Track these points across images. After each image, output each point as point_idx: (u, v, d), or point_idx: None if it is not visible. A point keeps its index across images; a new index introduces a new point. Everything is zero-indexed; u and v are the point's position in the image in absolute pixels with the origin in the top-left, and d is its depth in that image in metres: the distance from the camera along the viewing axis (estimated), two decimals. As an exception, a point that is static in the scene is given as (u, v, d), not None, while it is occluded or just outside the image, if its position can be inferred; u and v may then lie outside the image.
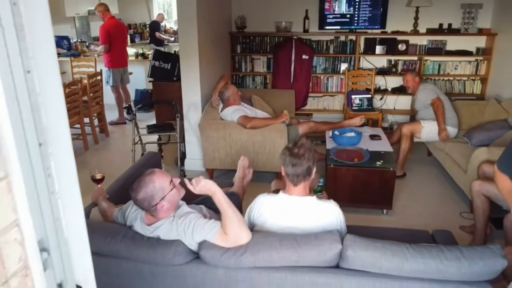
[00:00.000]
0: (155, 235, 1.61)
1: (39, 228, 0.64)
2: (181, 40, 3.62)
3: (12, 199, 0.60)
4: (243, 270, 1.56)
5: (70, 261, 0.73)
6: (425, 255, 1.45)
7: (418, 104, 3.86)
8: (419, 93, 3.82)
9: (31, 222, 0.62)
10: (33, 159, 0.62)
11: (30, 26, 0.61)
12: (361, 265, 1.49)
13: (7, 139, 0.58)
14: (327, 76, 5.07)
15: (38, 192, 0.63)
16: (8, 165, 0.59)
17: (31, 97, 0.61)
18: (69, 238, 0.72)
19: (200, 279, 1.60)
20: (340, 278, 1.53)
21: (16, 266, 0.62)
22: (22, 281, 0.63)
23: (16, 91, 0.58)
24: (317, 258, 1.53)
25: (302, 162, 1.68)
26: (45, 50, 0.64)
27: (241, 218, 1.56)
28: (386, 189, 3.01)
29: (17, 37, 0.58)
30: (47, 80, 0.65)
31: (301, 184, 1.72)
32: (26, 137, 0.60)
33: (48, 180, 0.65)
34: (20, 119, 0.59)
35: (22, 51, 0.59)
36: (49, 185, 0.65)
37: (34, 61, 0.62)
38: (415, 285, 1.47)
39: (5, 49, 0.56)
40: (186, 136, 3.87)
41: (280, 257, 1.54)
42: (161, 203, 1.59)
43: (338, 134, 3.41)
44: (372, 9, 4.73)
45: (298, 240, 1.56)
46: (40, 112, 0.63)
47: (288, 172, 1.71)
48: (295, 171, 1.69)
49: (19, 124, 0.59)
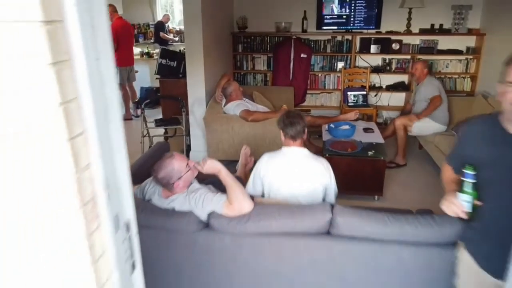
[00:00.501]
0: (170, 207, 1.86)
1: (104, 172, 0.89)
2: (187, 40, 3.87)
3: (87, 148, 0.85)
4: (246, 236, 1.81)
5: (121, 201, 0.98)
6: (402, 222, 1.70)
7: (419, 95, 4.02)
8: (424, 85, 3.96)
9: (100, 166, 0.87)
10: (100, 122, 0.87)
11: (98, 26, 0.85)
12: (348, 230, 1.74)
13: (85, 108, 0.82)
14: (325, 74, 5.31)
15: (103, 145, 0.88)
16: (86, 124, 0.84)
17: (100, 76, 0.86)
18: (121, 184, 0.97)
19: (209, 245, 1.85)
20: (331, 243, 1.78)
21: (89, 197, 0.87)
22: (92, 208, 0.88)
23: (92, 72, 0.83)
24: (310, 226, 1.78)
25: (298, 121, 2.12)
26: (106, 44, 0.89)
27: (244, 190, 1.81)
28: (377, 177, 3.25)
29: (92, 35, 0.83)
30: (107, 64, 0.90)
31: (298, 140, 2.17)
32: (97, 107, 0.85)
33: (110, 137, 0.90)
34: (94, 93, 0.83)
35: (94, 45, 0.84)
36: (111, 140, 0.90)
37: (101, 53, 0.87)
38: (394, 247, 1.72)
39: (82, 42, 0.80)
40: (191, 129, 4.12)
41: (278, 225, 1.79)
42: (177, 182, 1.84)
43: (334, 127, 3.66)
44: (367, 10, 4.97)
45: (294, 210, 1.82)
46: (105, 89, 0.88)
47: (288, 132, 2.13)
48: (293, 129, 2.11)
49: (93, 96, 0.83)
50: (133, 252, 1.08)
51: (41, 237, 0.82)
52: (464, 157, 1.39)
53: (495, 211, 1.35)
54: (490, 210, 1.34)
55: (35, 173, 0.78)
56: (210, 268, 1.88)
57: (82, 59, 0.79)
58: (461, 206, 1.32)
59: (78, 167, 0.82)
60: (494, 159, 1.32)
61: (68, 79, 0.78)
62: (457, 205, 1.32)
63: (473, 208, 1.32)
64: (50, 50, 0.73)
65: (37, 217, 0.81)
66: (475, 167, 1.31)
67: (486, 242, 1.41)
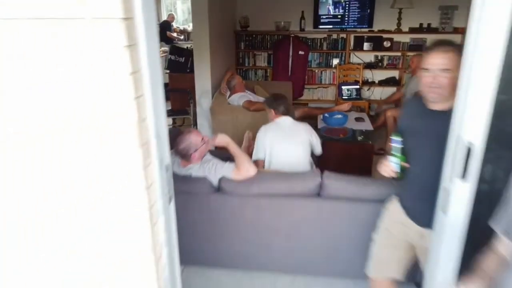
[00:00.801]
0: (188, 174, 2.24)
1: (155, 124, 1.27)
2: (195, 38, 4.25)
3: (145, 106, 1.23)
4: (251, 197, 2.19)
5: (163, 149, 1.36)
6: (379, 183, 2.08)
7: (408, 90, 4.32)
8: (413, 80, 4.20)
9: (152, 120, 1.25)
10: (152, 88, 1.25)
11: (151, 21, 1.23)
12: (335, 190, 2.12)
13: (144, 77, 1.20)
14: (321, 69, 5.69)
15: (154, 105, 1.26)
16: (144, 89, 1.22)
17: (152, 56, 1.24)
18: (164, 137, 1.35)
19: (220, 205, 2.23)
20: (320, 202, 2.16)
21: (145, 140, 1.25)
22: (147, 149, 1.25)
23: (148, 52, 1.20)
24: (303, 188, 2.16)
25: (285, 100, 2.66)
26: (154, 33, 1.27)
27: (249, 158, 2.20)
28: (366, 160, 3.63)
29: (148, 27, 1.21)
30: (155, 47, 1.28)
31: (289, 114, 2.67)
32: (151, 77, 1.23)
33: (157, 99, 1.29)
34: (150, 67, 1.21)
35: (148, 34, 1.22)
36: (158, 102, 1.29)
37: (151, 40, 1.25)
38: (373, 204, 2.10)
39: (144, 32, 1.18)
40: (198, 119, 4.50)
41: (277, 188, 2.17)
42: (194, 153, 2.23)
43: (328, 116, 4.04)
44: (360, 10, 5.35)
45: (289, 176, 2.20)
46: (155, 64, 1.26)
47: (279, 109, 2.63)
48: (283, 106, 2.63)
49: (149, 69, 1.21)
50: (170, 189, 1.46)
51: (114, 167, 1.20)
52: (401, 128, 1.67)
53: (418, 171, 1.57)
54: (414, 170, 1.57)
55: (113, 119, 1.16)
56: (221, 225, 2.26)
57: (144, 44, 1.17)
58: (391, 167, 1.58)
59: (140, 118, 1.21)
60: (418, 129, 1.57)
61: (135, 57, 1.16)
62: (388, 166, 1.58)
63: (401, 169, 1.56)
64: (126, 37, 1.11)
65: (113, 153, 1.19)
66: (402, 135, 1.56)
67: (412, 197, 1.65)
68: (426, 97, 1.52)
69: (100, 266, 1.24)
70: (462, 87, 1.18)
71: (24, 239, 1.03)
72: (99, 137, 1.14)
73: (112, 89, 1.14)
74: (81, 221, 1.14)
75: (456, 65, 1.36)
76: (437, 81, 1.43)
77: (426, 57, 1.48)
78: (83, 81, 1.06)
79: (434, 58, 1.44)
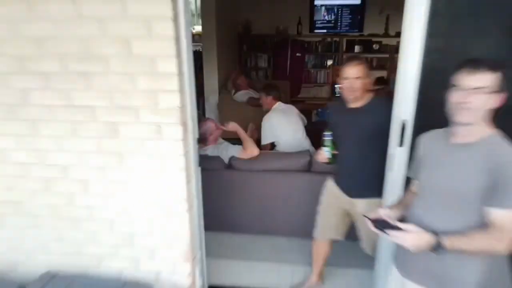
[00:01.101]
0: (204, 153, 2.81)
1: (190, 110, 1.82)
2: (204, 41, 4.80)
3: (181, 81, 1.76)
4: (255, 172, 2.75)
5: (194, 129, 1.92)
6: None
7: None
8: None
9: (189, 107, 1.80)
10: (189, 69, 1.80)
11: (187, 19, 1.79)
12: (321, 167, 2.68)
13: (184, 59, 1.76)
14: (316, 70, 6.22)
15: (190, 97, 1.81)
16: (182, 68, 1.76)
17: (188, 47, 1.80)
18: (194, 120, 1.91)
19: (230, 179, 2.80)
20: (311, 177, 2.72)
21: (184, 120, 1.80)
22: (185, 128, 1.81)
23: (187, 44, 1.76)
24: (295, 164, 2.72)
25: (276, 87, 3.23)
26: (188, 27, 1.82)
27: (253, 142, 2.76)
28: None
29: (185, 23, 1.77)
30: (189, 38, 1.84)
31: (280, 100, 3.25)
32: (187, 61, 1.78)
33: (190, 84, 1.84)
34: (187, 53, 1.77)
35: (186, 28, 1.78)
36: (191, 96, 1.84)
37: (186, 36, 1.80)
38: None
39: (184, 27, 1.73)
40: (206, 114, 5.04)
41: (274, 164, 2.74)
42: (210, 137, 2.79)
43: (321, 110, 4.60)
44: (352, 16, 5.88)
45: (285, 155, 2.78)
46: (190, 53, 1.82)
47: (272, 94, 3.22)
48: (275, 91, 3.23)
49: (187, 55, 1.77)
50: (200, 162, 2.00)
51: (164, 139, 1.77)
52: (331, 124, 2.09)
53: (344, 155, 2.01)
54: (341, 155, 2.01)
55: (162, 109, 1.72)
56: (230, 196, 2.83)
57: (188, 40, 1.73)
58: (324, 155, 2.01)
59: (182, 104, 1.76)
60: (342, 123, 2.02)
61: (179, 45, 1.69)
62: (322, 154, 2.02)
63: (332, 156, 2.00)
64: (173, 31, 1.65)
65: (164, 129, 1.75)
66: (331, 130, 2.00)
67: (341, 175, 2.13)
68: (346, 99, 1.97)
69: (154, 209, 1.83)
70: (399, 82, 1.75)
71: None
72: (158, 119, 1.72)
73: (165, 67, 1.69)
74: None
75: (364, 73, 1.89)
76: (353, 86, 1.89)
77: (344, 69, 1.92)
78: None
79: (350, 69, 1.89)
